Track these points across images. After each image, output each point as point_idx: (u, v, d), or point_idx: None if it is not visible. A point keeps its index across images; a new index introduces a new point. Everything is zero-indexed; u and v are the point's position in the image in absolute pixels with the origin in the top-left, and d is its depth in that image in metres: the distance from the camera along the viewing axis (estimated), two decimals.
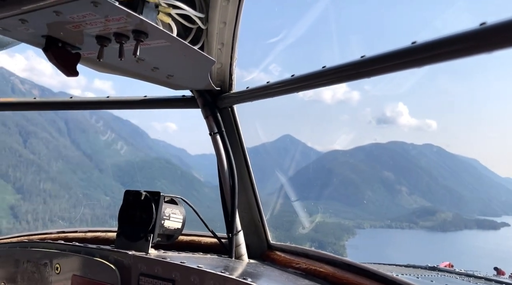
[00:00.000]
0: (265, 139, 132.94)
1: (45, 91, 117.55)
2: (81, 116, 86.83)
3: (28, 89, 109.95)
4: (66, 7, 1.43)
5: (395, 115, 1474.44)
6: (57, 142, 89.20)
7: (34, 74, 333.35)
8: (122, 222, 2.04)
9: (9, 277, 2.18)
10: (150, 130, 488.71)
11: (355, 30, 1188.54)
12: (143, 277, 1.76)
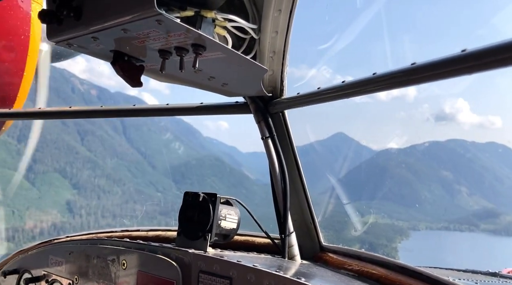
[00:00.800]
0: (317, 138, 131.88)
1: (102, 91, 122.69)
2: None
3: (86, 89, 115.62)
4: (133, 25, 1.56)
5: (455, 111, 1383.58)
6: (113, 140, 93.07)
7: (93, 75, 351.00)
8: (182, 222, 2.18)
9: (81, 272, 2.38)
10: (203, 128, 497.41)
11: (407, 29, 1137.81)
12: (202, 274, 1.88)
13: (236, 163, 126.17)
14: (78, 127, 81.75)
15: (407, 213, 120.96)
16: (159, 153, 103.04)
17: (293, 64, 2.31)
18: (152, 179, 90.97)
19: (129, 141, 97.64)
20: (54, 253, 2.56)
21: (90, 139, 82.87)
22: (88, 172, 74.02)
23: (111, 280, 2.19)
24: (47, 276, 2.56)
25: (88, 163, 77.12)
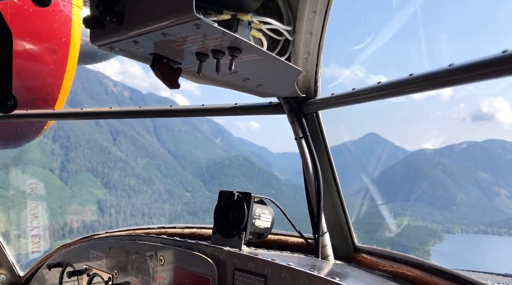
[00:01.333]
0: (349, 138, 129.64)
1: (135, 93, 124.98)
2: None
3: (119, 91, 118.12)
4: (172, 29, 1.61)
5: (493, 111, 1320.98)
6: (144, 140, 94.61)
7: (126, 77, 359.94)
8: (217, 220, 2.23)
9: (120, 267, 2.47)
10: (234, 129, 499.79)
11: (444, 28, 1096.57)
12: (237, 272, 1.92)
13: (266, 164, 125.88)
14: (111, 127, 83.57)
15: (441, 215, 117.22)
16: (189, 153, 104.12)
17: (325, 64, 2.32)
18: (182, 179, 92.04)
19: (160, 141, 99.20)
20: (94, 248, 2.67)
21: (122, 139, 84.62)
22: (119, 171, 75.51)
23: (149, 275, 2.27)
24: (88, 269, 2.68)
25: (120, 163, 78.71)
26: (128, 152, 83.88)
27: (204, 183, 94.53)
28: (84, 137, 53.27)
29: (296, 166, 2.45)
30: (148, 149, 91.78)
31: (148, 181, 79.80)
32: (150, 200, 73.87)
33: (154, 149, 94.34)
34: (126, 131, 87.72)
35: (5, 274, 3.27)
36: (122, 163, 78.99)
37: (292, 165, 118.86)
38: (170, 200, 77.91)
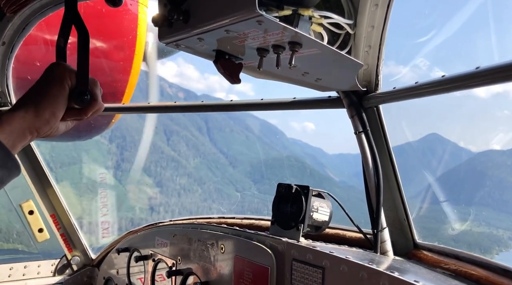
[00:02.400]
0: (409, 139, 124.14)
1: (189, 94, 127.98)
2: (219, 116, 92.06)
3: (174, 92, 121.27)
4: (235, 26, 1.67)
5: None
6: (197, 140, 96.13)
7: (183, 79, 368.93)
8: (275, 212, 2.28)
9: (183, 253, 2.60)
10: (288, 129, 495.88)
11: None
12: (295, 262, 1.96)
13: (319, 164, 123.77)
14: (165, 127, 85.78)
15: (509, 221, 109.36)
16: (240, 154, 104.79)
17: (388, 57, 2.27)
18: (232, 179, 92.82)
19: (212, 141, 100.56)
20: (159, 235, 2.82)
21: (175, 139, 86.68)
22: (171, 171, 77.34)
23: (210, 263, 2.37)
24: (153, 255, 2.84)
25: (172, 162, 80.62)
26: (180, 151, 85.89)
27: (254, 183, 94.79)
28: (139, 137, 55.18)
29: (352, 167, 2.44)
30: (200, 149, 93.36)
31: (199, 181, 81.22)
32: (199, 199, 75.16)
33: (206, 149, 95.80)
34: (180, 131, 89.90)
35: (79, 256, 3.54)
36: (174, 162, 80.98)
37: (348, 166, 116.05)
38: (219, 199, 79.01)
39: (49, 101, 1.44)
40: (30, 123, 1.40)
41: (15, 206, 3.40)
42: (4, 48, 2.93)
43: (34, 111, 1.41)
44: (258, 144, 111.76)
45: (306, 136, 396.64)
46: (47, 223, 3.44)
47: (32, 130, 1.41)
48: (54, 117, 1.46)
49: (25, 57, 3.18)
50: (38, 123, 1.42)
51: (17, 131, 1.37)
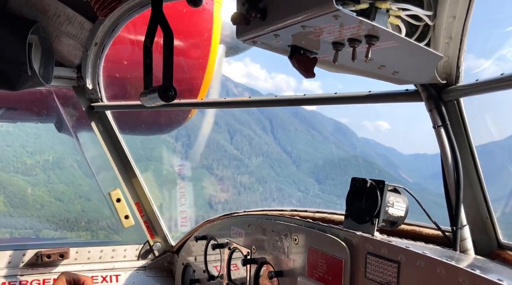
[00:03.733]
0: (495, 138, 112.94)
1: (254, 93, 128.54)
2: (284, 115, 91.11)
3: (240, 92, 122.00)
4: (311, 21, 1.70)
5: None
6: (260, 139, 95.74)
7: (250, 79, 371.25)
8: (349, 206, 2.29)
9: (258, 243, 2.69)
10: (359, 129, 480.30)
11: None
12: (370, 256, 1.96)
13: (391, 165, 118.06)
14: (229, 126, 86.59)
15: None
16: (305, 153, 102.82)
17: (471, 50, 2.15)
18: (295, 178, 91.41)
19: (276, 140, 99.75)
20: (235, 225, 2.94)
21: (238, 138, 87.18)
22: (233, 169, 77.75)
23: (284, 253, 2.44)
24: (229, 244, 2.96)
25: (234, 161, 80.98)
26: (243, 150, 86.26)
27: (318, 183, 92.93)
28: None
29: (429, 168, 2.36)
30: (263, 148, 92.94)
31: (260, 179, 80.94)
32: (259, 198, 74.85)
33: (269, 148, 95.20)
34: (243, 130, 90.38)
35: (160, 242, 3.79)
36: (236, 161, 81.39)
37: (424, 167, 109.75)
38: (280, 198, 78.11)
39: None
40: None
41: (104, 194, 3.71)
42: (96, 49, 3.21)
43: None
44: (325, 143, 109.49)
45: (380, 135, 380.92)
46: (132, 210, 3.72)
47: None
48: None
49: (114, 56, 3.46)
50: None
51: None
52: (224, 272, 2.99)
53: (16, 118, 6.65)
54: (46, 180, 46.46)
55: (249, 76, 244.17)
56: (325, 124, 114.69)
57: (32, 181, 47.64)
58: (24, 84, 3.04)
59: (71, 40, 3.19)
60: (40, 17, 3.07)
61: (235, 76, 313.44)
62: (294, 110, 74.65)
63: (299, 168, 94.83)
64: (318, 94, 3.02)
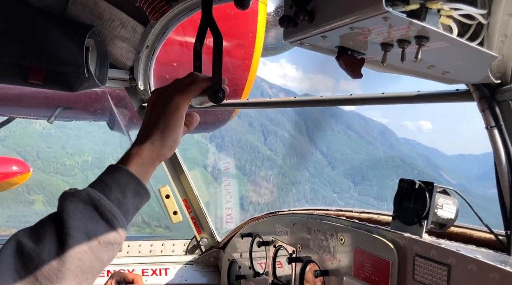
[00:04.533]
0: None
1: (289, 94, 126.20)
2: (320, 115, 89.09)
3: (275, 93, 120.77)
4: (360, 23, 1.71)
5: None
6: (294, 140, 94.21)
7: (286, 79, 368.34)
8: (397, 207, 2.27)
9: (303, 242, 2.72)
10: (400, 129, 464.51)
11: None
12: (418, 258, 1.94)
13: (433, 166, 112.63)
14: (263, 128, 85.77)
15: None
16: (341, 154, 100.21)
17: None
18: (330, 180, 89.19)
19: (311, 141, 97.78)
20: (280, 223, 2.98)
21: (272, 139, 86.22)
22: (266, 170, 76.95)
23: (330, 253, 2.45)
24: (274, 241, 3.01)
25: (267, 162, 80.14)
26: (277, 151, 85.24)
27: (354, 185, 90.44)
28: (236, 137, 55.87)
29: (474, 169, 2.30)
30: (297, 149, 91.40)
31: (294, 181, 79.83)
32: (292, 199, 73.52)
33: (304, 149, 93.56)
34: (277, 131, 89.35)
35: (207, 238, 3.90)
36: (270, 162, 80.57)
37: (469, 168, 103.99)
38: (314, 200, 76.58)
39: (171, 132, 1.57)
40: (157, 152, 1.55)
41: (154, 190, 3.86)
42: (147, 51, 3.34)
43: (159, 141, 1.55)
44: (362, 144, 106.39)
45: (421, 135, 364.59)
46: (180, 207, 3.85)
47: (160, 157, 1.56)
48: (175, 142, 1.60)
49: (164, 58, 3.58)
50: (163, 151, 1.56)
51: (146, 161, 1.53)
52: (269, 269, 3.05)
53: (72, 117, 7.02)
54: (84, 180, 48.29)
55: (285, 77, 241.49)
56: (363, 124, 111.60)
57: (70, 181, 49.59)
58: (81, 85, 3.21)
59: (124, 43, 3.34)
60: (96, 21, 3.23)
61: (271, 77, 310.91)
62: (331, 111, 73.15)
63: (335, 169, 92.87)
64: (365, 94, 2.99)
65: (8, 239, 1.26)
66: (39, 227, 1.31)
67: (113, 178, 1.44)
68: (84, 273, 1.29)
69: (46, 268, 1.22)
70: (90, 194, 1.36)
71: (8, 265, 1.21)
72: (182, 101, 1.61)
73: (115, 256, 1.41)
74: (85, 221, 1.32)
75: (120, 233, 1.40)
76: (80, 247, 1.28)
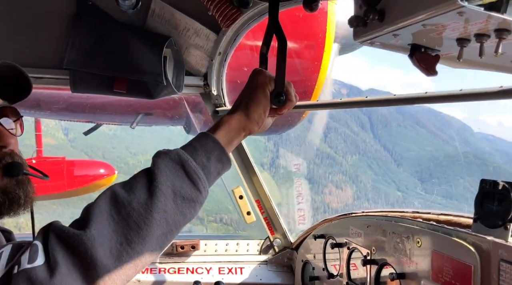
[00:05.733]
0: None
1: (352, 89, 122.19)
2: (386, 111, 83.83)
3: (337, 89, 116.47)
4: (433, 20, 1.67)
5: None
6: (357, 136, 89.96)
7: (349, 74, 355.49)
8: (479, 209, 2.16)
9: (377, 245, 2.67)
10: (476, 123, 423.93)
11: None
12: (503, 263, 1.83)
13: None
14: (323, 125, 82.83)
15: None
16: (408, 150, 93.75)
17: None
18: (395, 177, 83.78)
19: (376, 137, 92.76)
20: (353, 225, 2.95)
21: (333, 136, 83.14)
22: (325, 168, 74.02)
23: (406, 255, 2.39)
24: (348, 243, 2.99)
25: (327, 160, 77.23)
26: (337, 148, 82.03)
27: (421, 182, 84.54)
28: (294, 134, 54.69)
29: None
30: (360, 146, 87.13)
31: (354, 178, 76.13)
32: (351, 198, 70.03)
33: (367, 146, 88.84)
34: (338, 128, 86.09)
35: (280, 238, 3.95)
36: (329, 160, 77.59)
37: None
38: (375, 199, 72.40)
39: (256, 105, 1.75)
40: (244, 123, 1.73)
41: (228, 191, 3.99)
42: (220, 57, 3.48)
43: (245, 114, 1.73)
44: (431, 140, 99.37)
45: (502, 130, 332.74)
46: (253, 207, 3.94)
47: (246, 129, 1.74)
48: (261, 118, 1.76)
49: (235, 63, 3.70)
50: (249, 124, 1.74)
51: (233, 130, 1.71)
52: (343, 271, 3.03)
53: (152, 122, 7.47)
54: None
55: (348, 72, 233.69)
56: (433, 119, 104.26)
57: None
58: (160, 93, 3.43)
59: (198, 51, 3.51)
60: (173, 32, 3.43)
61: (339, 75, 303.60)
62: (398, 106, 69.34)
63: (401, 166, 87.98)
64: (442, 91, 2.87)
65: (105, 189, 1.48)
66: (132, 180, 1.50)
67: (201, 143, 1.62)
68: (168, 225, 1.45)
69: (135, 215, 1.39)
70: (179, 155, 1.54)
71: (104, 210, 1.40)
72: (270, 80, 1.79)
73: (196, 214, 1.57)
74: (173, 178, 1.49)
75: (202, 193, 1.56)
76: (166, 200, 1.45)
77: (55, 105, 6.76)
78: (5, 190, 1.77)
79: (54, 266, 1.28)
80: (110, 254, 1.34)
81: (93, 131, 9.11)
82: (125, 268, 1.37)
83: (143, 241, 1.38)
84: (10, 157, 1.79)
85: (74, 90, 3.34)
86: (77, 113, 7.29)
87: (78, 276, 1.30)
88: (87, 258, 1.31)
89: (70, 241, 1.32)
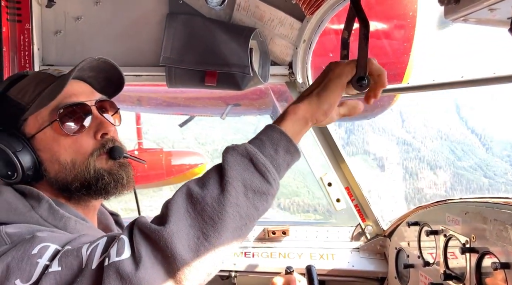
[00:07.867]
0: None
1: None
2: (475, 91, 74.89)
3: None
4: None
5: None
6: (439, 119, 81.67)
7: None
8: None
9: (477, 232, 2.52)
10: None
11: None
12: None
13: None
14: (401, 108, 76.19)
15: None
16: (499, 132, 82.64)
17: None
18: (481, 163, 74.02)
19: (462, 120, 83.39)
20: (449, 212, 2.81)
21: (411, 121, 76.37)
22: (400, 154, 68.19)
23: (511, 244, 2.23)
24: (444, 231, 2.85)
25: (403, 146, 71.13)
26: (416, 133, 75.07)
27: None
28: (368, 121, 50.94)
29: None
30: (442, 130, 79.10)
31: (432, 165, 69.09)
32: (425, 185, 63.41)
33: (451, 130, 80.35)
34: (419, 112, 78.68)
35: (372, 226, 3.88)
36: (405, 145, 71.37)
37: None
38: (454, 187, 65.07)
39: (328, 95, 1.70)
40: (312, 112, 1.69)
41: (317, 178, 4.01)
42: (305, 45, 3.49)
43: (316, 103, 1.69)
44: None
45: None
46: (343, 194, 3.92)
47: (313, 118, 1.69)
48: (330, 108, 1.71)
49: (320, 50, 3.67)
50: (317, 114, 1.69)
51: (300, 119, 1.68)
52: (440, 259, 2.90)
53: (240, 112, 7.70)
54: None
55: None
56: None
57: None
58: (247, 84, 3.54)
59: (283, 41, 3.55)
60: (258, 23, 3.51)
61: None
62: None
63: (490, 150, 78.69)
64: None
65: (181, 185, 1.55)
66: (205, 176, 1.57)
67: (267, 135, 1.63)
68: (242, 218, 1.49)
69: (209, 210, 1.45)
70: (247, 149, 1.58)
71: (181, 205, 1.48)
72: (347, 71, 1.73)
73: (269, 206, 1.59)
74: (242, 172, 1.53)
75: (272, 185, 1.57)
76: (238, 194, 1.49)
77: (153, 100, 7.30)
78: (110, 172, 1.94)
79: (139, 259, 1.38)
80: (189, 248, 1.41)
81: (187, 123, 9.65)
82: (204, 261, 1.43)
83: (218, 235, 1.43)
84: (112, 142, 1.97)
85: (170, 85, 3.59)
86: (173, 107, 7.79)
87: (160, 270, 1.39)
88: (168, 252, 1.39)
89: (152, 236, 1.41)
